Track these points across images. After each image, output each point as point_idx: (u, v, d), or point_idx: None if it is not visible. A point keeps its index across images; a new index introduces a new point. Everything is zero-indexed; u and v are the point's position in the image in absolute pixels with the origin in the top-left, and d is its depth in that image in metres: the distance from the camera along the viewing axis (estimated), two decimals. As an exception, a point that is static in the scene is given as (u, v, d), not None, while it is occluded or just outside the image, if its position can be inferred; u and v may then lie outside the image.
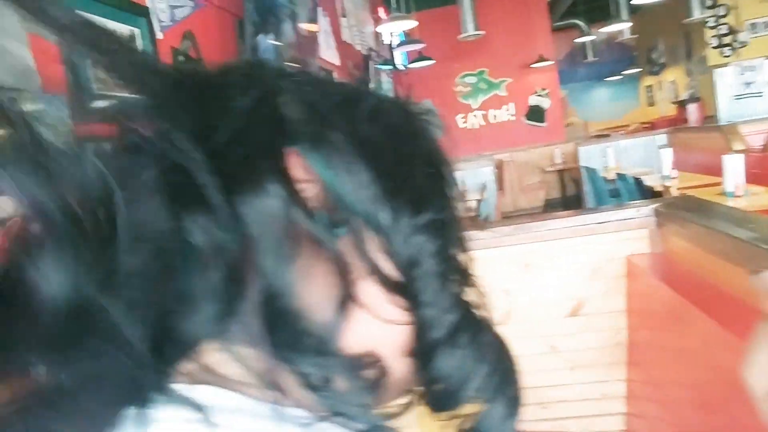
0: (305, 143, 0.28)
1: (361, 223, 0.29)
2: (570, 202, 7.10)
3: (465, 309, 0.33)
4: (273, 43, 3.44)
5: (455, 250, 0.33)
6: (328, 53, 4.30)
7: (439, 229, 0.31)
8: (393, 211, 0.29)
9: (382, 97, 0.34)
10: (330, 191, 0.28)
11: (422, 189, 0.32)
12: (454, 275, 0.32)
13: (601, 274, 1.46)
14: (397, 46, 5.89)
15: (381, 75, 6.16)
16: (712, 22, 6.14)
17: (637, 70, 9.84)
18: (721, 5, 6.07)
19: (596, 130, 9.76)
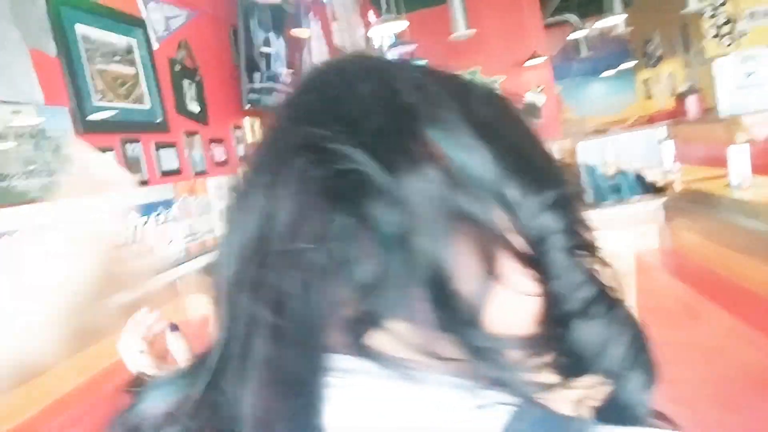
0: (432, 126, 0.29)
1: (492, 201, 0.29)
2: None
3: (599, 283, 0.33)
4: (267, 49, 3.44)
5: (580, 227, 0.34)
6: (321, 59, 4.30)
7: (563, 206, 0.31)
8: (520, 188, 0.30)
9: (480, 83, 0.35)
10: (460, 171, 0.29)
11: (542, 168, 0.33)
12: (582, 251, 0.33)
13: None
14: (389, 48, 5.88)
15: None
16: (709, 12, 6.10)
17: (633, 63, 9.82)
18: (719, -6, 6.03)
19: (594, 125, 9.74)
